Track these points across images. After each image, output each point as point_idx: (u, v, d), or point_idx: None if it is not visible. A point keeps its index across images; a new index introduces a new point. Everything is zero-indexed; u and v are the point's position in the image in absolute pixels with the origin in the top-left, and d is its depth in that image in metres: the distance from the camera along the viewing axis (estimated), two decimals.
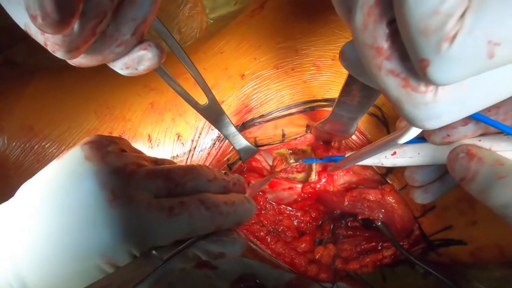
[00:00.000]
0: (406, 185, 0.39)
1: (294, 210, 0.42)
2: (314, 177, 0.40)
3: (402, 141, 0.24)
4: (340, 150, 0.39)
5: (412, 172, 0.31)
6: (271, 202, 0.42)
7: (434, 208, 0.38)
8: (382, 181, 0.40)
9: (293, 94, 0.39)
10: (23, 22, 0.23)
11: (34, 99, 0.41)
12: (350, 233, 0.43)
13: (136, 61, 0.27)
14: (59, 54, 0.24)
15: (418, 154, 0.29)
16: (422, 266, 0.38)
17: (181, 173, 0.25)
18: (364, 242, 0.42)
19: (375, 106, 0.38)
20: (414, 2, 0.15)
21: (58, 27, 0.20)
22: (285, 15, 0.41)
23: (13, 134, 0.40)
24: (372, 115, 0.38)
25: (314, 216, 0.42)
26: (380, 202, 0.38)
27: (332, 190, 0.41)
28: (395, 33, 0.17)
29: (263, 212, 0.42)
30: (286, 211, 0.42)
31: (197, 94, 0.35)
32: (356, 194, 0.38)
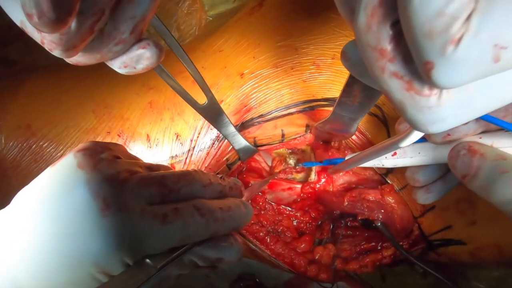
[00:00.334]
0: (406, 185, 0.39)
1: (294, 210, 0.42)
2: (313, 177, 0.40)
3: (403, 144, 0.24)
4: (340, 150, 0.39)
5: (413, 172, 0.30)
6: (271, 202, 0.42)
7: (433, 208, 0.38)
8: (382, 181, 0.40)
9: (292, 93, 0.39)
10: (19, 20, 0.23)
11: (32, 98, 0.41)
12: (349, 233, 0.43)
13: (134, 60, 0.27)
14: (56, 53, 0.24)
15: (419, 154, 0.29)
16: (422, 266, 0.38)
17: (175, 179, 0.25)
18: (363, 242, 0.42)
19: (376, 106, 0.38)
20: (419, 3, 0.14)
21: (54, 26, 0.20)
22: (284, 13, 0.40)
23: (10, 134, 0.39)
24: (372, 115, 0.38)
25: (314, 216, 0.42)
26: (379, 202, 0.38)
27: (331, 190, 0.41)
28: (399, 34, 0.17)
29: (263, 212, 0.42)
30: (286, 212, 0.42)
31: (196, 93, 0.35)
32: (355, 194, 0.38)
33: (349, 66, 0.22)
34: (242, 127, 0.39)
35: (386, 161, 0.31)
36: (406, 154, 0.29)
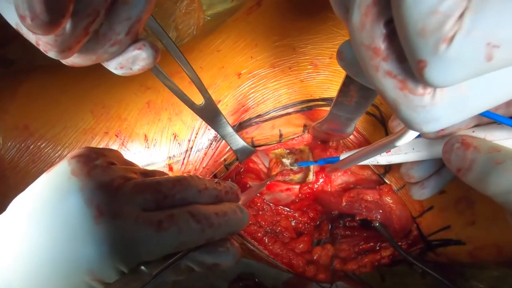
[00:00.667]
0: (404, 185, 0.38)
1: (292, 211, 0.42)
2: (311, 177, 0.40)
3: (399, 143, 0.24)
4: (338, 150, 0.39)
5: (407, 168, 0.30)
6: (269, 203, 0.42)
7: (432, 208, 0.37)
8: (380, 181, 0.40)
9: (290, 93, 0.39)
10: (15, 22, 0.23)
11: (29, 98, 0.41)
12: (348, 233, 0.43)
13: (130, 61, 0.27)
14: (52, 54, 0.24)
15: (413, 149, 0.29)
16: (420, 266, 0.38)
17: (170, 185, 0.25)
18: (362, 242, 0.41)
19: (373, 106, 0.38)
20: (412, 1, 0.14)
21: (47, 28, 0.19)
22: (282, 13, 0.40)
23: (8, 134, 0.39)
24: (370, 115, 0.38)
25: (312, 216, 0.42)
26: (378, 202, 0.38)
27: (330, 190, 0.40)
28: (393, 33, 0.16)
29: (261, 213, 0.42)
30: (284, 212, 0.42)
31: (193, 94, 0.35)
32: (353, 194, 0.38)
33: (344, 66, 0.22)
34: (239, 128, 0.39)
35: (381, 158, 0.31)
36: (401, 151, 0.29)
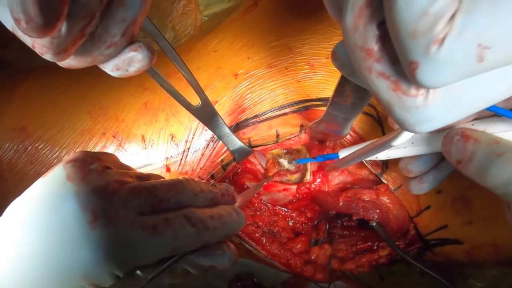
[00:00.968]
0: (401, 185, 0.39)
1: (290, 211, 0.42)
2: (309, 177, 0.40)
3: (395, 143, 0.24)
4: (335, 150, 0.39)
5: (406, 163, 0.30)
6: (266, 203, 0.42)
7: (429, 207, 0.37)
8: (377, 181, 0.40)
9: (287, 93, 0.39)
10: (11, 25, 0.23)
11: (27, 100, 0.41)
12: (346, 233, 0.43)
13: (126, 62, 0.27)
14: (48, 57, 0.24)
15: (412, 144, 0.29)
16: (418, 265, 0.38)
17: (165, 188, 0.25)
18: (360, 242, 0.41)
19: (370, 105, 0.38)
20: (404, 3, 0.14)
21: (42, 31, 0.20)
22: (278, 13, 0.40)
23: (6, 135, 0.39)
24: (367, 115, 0.38)
25: (310, 216, 0.42)
26: (375, 202, 0.38)
27: (327, 190, 0.40)
28: (385, 35, 0.17)
29: (258, 213, 0.42)
30: (282, 212, 0.42)
31: (190, 95, 0.35)
32: (351, 194, 0.38)
33: (339, 66, 0.22)
34: (236, 128, 0.39)
35: (380, 154, 0.31)
36: (400, 145, 0.29)
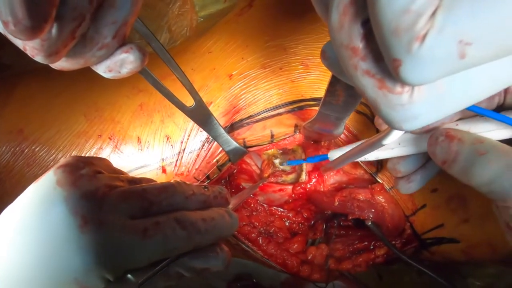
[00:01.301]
0: None
1: (286, 211, 0.42)
2: (304, 177, 0.40)
3: (386, 142, 0.24)
4: (330, 149, 0.39)
5: (394, 163, 0.31)
6: (262, 204, 0.42)
7: (425, 206, 0.37)
8: (372, 180, 0.40)
9: (281, 94, 0.39)
10: (1, 27, 0.23)
11: (23, 102, 0.41)
12: (342, 232, 0.42)
13: (118, 64, 0.27)
14: (39, 59, 0.24)
15: (399, 145, 0.29)
16: (414, 264, 0.38)
17: (156, 192, 0.25)
18: (356, 241, 0.41)
19: (364, 105, 0.37)
20: (386, 0, 0.14)
21: (30, 33, 0.20)
22: (273, 13, 0.40)
23: (3, 138, 0.40)
24: (361, 114, 0.38)
25: (306, 216, 0.42)
26: (370, 201, 0.38)
27: (322, 190, 0.40)
28: (370, 33, 0.17)
29: (254, 213, 0.42)
30: (278, 213, 0.42)
31: (185, 96, 0.35)
32: (346, 194, 0.38)
33: (328, 65, 0.22)
34: (231, 129, 0.39)
35: (369, 154, 0.31)
36: (387, 146, 0.29)
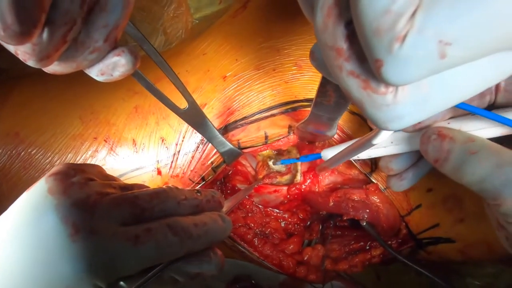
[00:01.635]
0: None
1: (281, 212, 0.42)
2: (299, 178, 0.40)
3: (376, 141, 0.24)
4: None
5: (386, 161, 0.31)
6: (258, 205, 0.42)
7: (420, 206, 0.37)
8: (367, 180, 0.39)
9: (274, 95, 0.39)
10: None
11: (20, 106, 0.41)
12: (338, 233, 0.42)
13: (110, 67, 0.27)
14: (31, 63, 0.24)
15: (391, 143, 0.29)
16: (411, 264, 0.38)
17: (147, 198, 0.25)
18: (352, 242, 0.41)
19: None
20: (367, 1, 0.14)
21: (20, 38, 0.20)
22: (266, 15, 0.40)
23: None
24: (354, 114, 0.38)
25: (302, 217, 0.42)
26: (364, 202, 0.37)
27: (317, 190, 0.40)
28: (353, 34, 0.17)
29: (250, 215, 0.42)
30: (273, 214, 0.42)
31: (179, 98, 0.35)
32: (340, 194, 0.38)
33: (317, 66, 0.22)
34: (225, 130, 0.39)
35: (361, 153, 0.31)
36: (379, 144, 0.29)
